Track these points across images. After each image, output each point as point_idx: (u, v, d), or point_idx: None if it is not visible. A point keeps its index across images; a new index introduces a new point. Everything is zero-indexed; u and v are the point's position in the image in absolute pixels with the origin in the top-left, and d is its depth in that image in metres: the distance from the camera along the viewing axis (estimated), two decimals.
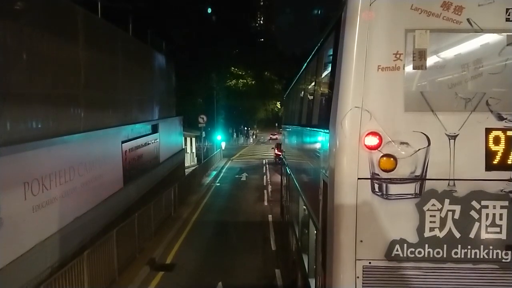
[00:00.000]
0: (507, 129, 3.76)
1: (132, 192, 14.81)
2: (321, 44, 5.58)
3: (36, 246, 8.04)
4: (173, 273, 10.69)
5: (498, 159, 3.77)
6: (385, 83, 3.78)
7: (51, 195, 8.83)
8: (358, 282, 3.81)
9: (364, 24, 3.77)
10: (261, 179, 27.55)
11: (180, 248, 12.74)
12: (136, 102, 16.92)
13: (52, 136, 9.10)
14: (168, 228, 14.42)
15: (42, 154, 8.55)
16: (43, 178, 8.52)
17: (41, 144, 8.47)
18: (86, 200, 10.82)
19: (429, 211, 3.81)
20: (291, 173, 9.95)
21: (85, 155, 10.88)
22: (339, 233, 3.86)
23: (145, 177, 16.72)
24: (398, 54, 3.75)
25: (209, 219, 16.75)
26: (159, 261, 11.42)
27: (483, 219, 3.81)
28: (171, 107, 25.00)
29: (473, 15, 3.75)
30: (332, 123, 3.97)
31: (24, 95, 8.32)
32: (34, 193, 8.13)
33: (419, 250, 3.82)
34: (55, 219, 8.98)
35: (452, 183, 3.80)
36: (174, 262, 11.44)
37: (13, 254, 7.35)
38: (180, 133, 26.28)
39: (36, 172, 8.27)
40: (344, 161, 3.84)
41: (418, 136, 3.78)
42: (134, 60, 16.89)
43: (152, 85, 20.12)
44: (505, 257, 3.81)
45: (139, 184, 15.92)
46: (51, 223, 8.82)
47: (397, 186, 3.80)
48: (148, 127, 18.78)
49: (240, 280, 10.18)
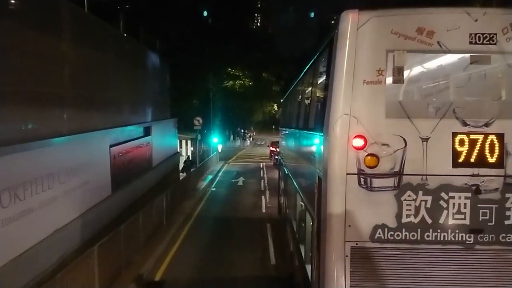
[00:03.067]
0: (470, 133, 4.49)
1: (121, 199, 13.83)
2: (316, 58, 6.31)
3: (6, 265, 7.07)
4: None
5: (463, 158, 4.50)
6: (369, 94, 4.49)
7: (26, 206, 7.88)
8: (346, 260, 4.52)
9: (352, 45, 4.48)
10: (258, 184, 26.59)
11: (171, 262, 11.65)
12: (127, 103, 15.96)
13: (31, 140, 8.16)
14: (159, 239, 13.34)
15: (15, 160, 7.59)
16: (16, 188, 7.56)
17: (14, 149, 7.50)
18: (69, 210, 9.88)
19: (405, 201, 4.52)
20: (288, 173, 10.55)
21: (68, 160, 9.92)
22: (331, 219, 4.58)
23: (136, 182, 15.75)
24: (380, 70, 4.46)
25: (204, 228, 15.70)
26: (147, 277, 10.36)
27: (450, 208, 4.53)
28: (165, 109, 24.05)
29: (442, 39, 4.47)
30: (326, 127, 4.68)
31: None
32: (3, 205, 7.17)
33: (398, 233, 4.53)
34: (30, 233, 8.02)
35: (425, 177, 4.51)
36: (164, 279, 10.45)
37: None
38: (175, 135, 25.30)
39: (6, 181, 7.30)
40: (335, 159, 4.55)
41: (396, 139, 4.49)
42: (126, 59, 15.95)
43: (145, 85, 19.16)
44: (468, 239, 4.54)
45: (130, 190, 14.94)
46: (25, 237, 7.85)
47: (379, 180, 4.51)
48: (140, 129, 17.82)
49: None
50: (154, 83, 21.09)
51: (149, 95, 19.73)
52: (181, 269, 11.13)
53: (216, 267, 11.28)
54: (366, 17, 4.47)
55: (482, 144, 4.48)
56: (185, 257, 12.14)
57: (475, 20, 4.44)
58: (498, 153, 4.47)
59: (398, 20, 4.51)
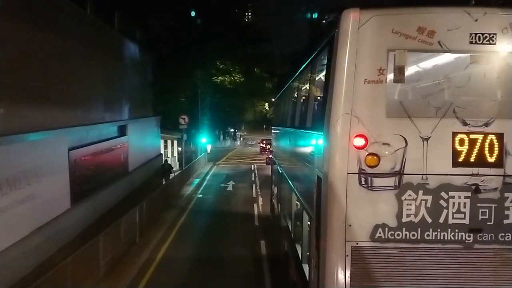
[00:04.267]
0: (470, 133, 4.54)
1: (85, 213, 11.58)
2: (315, 57, 6.14)
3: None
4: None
5: (463, 158, 4.54)
6: (370, 93, 4.51)
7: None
8: (347, 259, 4.55)
9: (353, 44, 4.47)
10: (250, 189, 24.58)
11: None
12: (97, 98, 13.75)
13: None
14: (127, 266, 10.85)
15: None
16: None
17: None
18: (3, 234, 7.57)
19: (406, 200, 4.56)
20: (283, 172, 10.28)
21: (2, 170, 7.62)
22: (332, 219, 4.61)
23: (107, 191, 13.48)
24: (381, 69, 4.48)
25: (186, 248, 13.22)
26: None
27: (450, 207, 4.57)
28: (147, 106, 21.83)
29: (443, 38, 4.49)
30: (326, 126, 4.69)
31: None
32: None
33: (398, 233, 4.57)
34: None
35: (425, 177, 4.55)
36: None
37: None
38: (157, 135, 23.05)
39: None
40: (336, 159, 4.58)
41: (397, 138, 4.54)
42: (96, 47, 13.69)
43: (121, 78, 16.96)
44: (468, 239, 4.59)
45: (98, 201, 12.71)
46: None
47: (380, 179, 4.54)
48: (114, 128, 15.60)
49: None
50: (133, 76, 18.82)
51: (126, 90, 17.47)
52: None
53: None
54: (367, 16, 4.47)
55: (482, 143, 4.53)
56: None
57: (476, 20, 4.47)
58: (498, 153, 4.53)
59: (399, 19, 4.53)
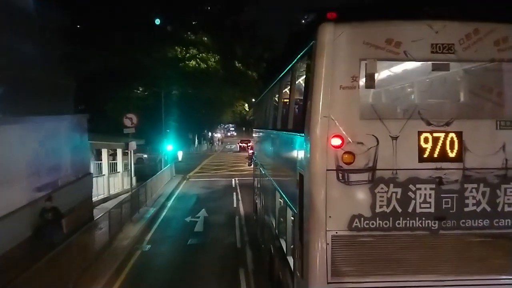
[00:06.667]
0: (433, 132, 5.11)
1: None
2: (294, 64, 6.73)
3: None
4: None
5: (427, 154, 5.10)
6: (345, 98, 5.04)
7: None
8: (328, 247, 5.04)
9: (329, 54, 5.02)
10: (231, 227, 16.01)
11: None
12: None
13: None
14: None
15: None
16: None
17: None
18: None
19: (378, 193, 5.08)
20: (265, 173, 10.83)
21: None
22: (313, 211, 5.09)
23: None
24: (355, 77, 5.01)
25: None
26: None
27: (417, 198, 5.11)
28: (63, 98, 13.84)
29: (408, 48, 5.07)
30: (307, 128, 5.24)
31: None
32: None
33: (372, 222, 5.08)
34: None
35: (395, 172, 5.07)
36: None
37: None
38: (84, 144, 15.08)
39: None
40: (316, 157, 5.09)
41: (370, 138, 5.05)
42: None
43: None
44: (433, 226, 5.13)
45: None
46: None
47: (355, 175, 5.04)
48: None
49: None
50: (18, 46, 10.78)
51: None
52: None
53: None
54: (341, 29, 5.02)
55: (444, 141, 5.10)
56: None
57: (436, 32, 5.06)
58: (458, 149, 5.10)
59: (370, 32, 5.07)
